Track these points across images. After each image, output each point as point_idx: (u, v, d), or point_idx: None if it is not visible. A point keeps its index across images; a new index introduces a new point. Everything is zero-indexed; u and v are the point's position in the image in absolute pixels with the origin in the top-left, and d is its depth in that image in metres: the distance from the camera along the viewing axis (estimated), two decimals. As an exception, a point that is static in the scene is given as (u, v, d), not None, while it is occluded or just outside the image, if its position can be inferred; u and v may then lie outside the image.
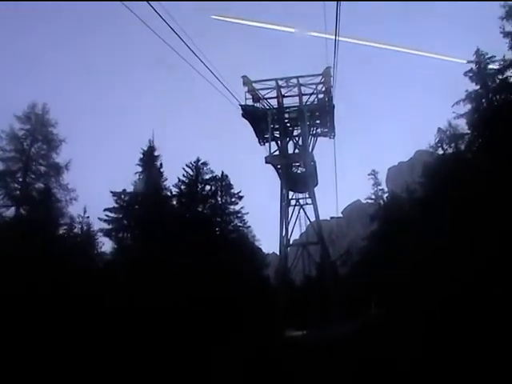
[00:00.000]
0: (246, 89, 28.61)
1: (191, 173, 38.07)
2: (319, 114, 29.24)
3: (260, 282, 35.93)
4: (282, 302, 28.12)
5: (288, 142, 29.98)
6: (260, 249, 49.23)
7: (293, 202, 31.87)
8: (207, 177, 38.56)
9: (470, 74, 24.87)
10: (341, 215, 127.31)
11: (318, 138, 31.85)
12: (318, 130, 31.76)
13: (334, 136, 32.08)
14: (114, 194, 32.36)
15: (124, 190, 32.63)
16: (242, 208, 44.71)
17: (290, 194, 31.83)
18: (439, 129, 42.55)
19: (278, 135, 29.95)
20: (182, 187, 37.49)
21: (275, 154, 27.97)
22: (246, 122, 29.54)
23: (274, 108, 28.94)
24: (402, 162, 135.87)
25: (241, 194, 45.15)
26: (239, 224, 44.03)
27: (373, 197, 49.98)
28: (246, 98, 28.17)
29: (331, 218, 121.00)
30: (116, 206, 32.40)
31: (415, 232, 36.85)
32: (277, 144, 29.14)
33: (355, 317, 28.89)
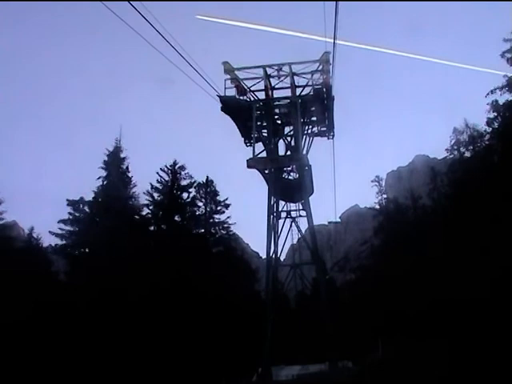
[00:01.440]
0: (227, 78, 23.49)
1: (166, 178, 33.33)
2: (316, 109, 24.25)
3: (247, 306, 30.93)
4: (269, 332, 23.20)
5: (277, 141, 24.98)
6: (249, 262, 44.22)
7: (284, 213, 26.77)
8: (185, 182, 33.83)
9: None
10: (338, 220, 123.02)
11: (315, 139, 26.91)
12: (315, 129, 26.80)
13: (334, 136, 27.15)
14: (71, 202, 27.54)
15: (81, 198, 27.94)
16: (228, 218, 39.98)
17: (281, 204, 26.77)
18: (455, 129, 37.95)
19: (266, 134, 24.91)
20: (155, 195, 32.77)
21: (260, 156, 22.79)
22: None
23: (259, 100, 23.91)
24: (401, 167, 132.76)
25: (227, 202, 40.47)
26: (226, 236, 39.21)
27: (377, 206, 45.31)
28: (225, 88, 23.04)
29: (329, 222, 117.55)
30: (72, 217, 27.63)
31: (429, 249, 32.73)
32: (264, 144, 24.11)
33: (359, 354, 24.21)
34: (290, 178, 26.39)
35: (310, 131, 26.37)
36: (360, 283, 48.55)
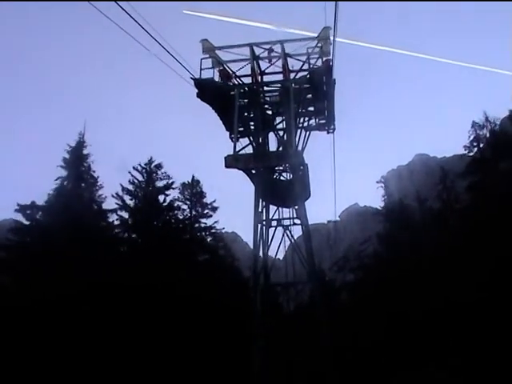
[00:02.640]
0: (205, 57, 19.21)
1: (140, 178, 29.16)
2: (313, 96, 20.09)
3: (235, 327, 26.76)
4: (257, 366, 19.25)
5: (267, 136, 20.83)
6: (240, 271, 40.02)
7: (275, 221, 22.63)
8: (160, 184, 29.63)
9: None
10: (338, 219, 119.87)
11: (312, 133, 22.81)
12: (312, 122, 22.66)
13: (334, 130, 23.00)
14: (22, 207, 23.38)
15: (33, 202, 23.77)
16: (216, 222, 35.87)
17: (272, 209, 22.62)
18: (474, 123, 33.76)
19: (253, 127, 20.77)
20: (127, 198, 28.60)
21: (242, 153, 18.39)
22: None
23: (244, 84, 19.69)
24: (401, 166, 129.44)
25: (215, 205, 36.35)
26: (213, 242, 35.07)
27: (384, 211, 41.25)
28: (201, 69, 18.73)
29: (328, 221, 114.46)
30: (21, 225, 23.43)
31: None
32: (250, 139, 19.95)
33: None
34: (281, 178, 22.31)
35: (306, 124, 22.25)
36: (361, 285, 45.48)
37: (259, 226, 20.19)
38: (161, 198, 29.94)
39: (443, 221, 38.57)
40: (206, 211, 35.97)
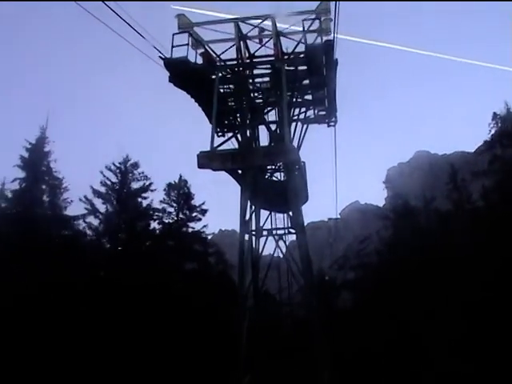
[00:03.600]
0: (177, 32, 15.79)
1: (114, 179, 25.86)
2: (311, 82, 16.74)
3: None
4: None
5: (255, 129, 17.56)
6: (232, 281, 36.72)
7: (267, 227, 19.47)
8: (137, 185, 26.30)
9: None
10: (339, 216, 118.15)
11: (311, 126, 19.62)
12: (310, 114, 19.45)
13: (336, 122, 19.78)
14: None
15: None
16: (205, 227, 32.62)
17: (264, 214, 19.44)
18: (495, 115, 30.22)
19: (240, 118, 17.45)
20: (97, 202, 25.31)
21: (221, 149, 14.85)
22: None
23: (226, 65, 16.32)
24: (402, 163, 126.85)
25: (204, 207, 33.09)
26: (201, 249, 31.81)
27: (391, 215, 37.94)
28: (173, 46, 15.24)
29: (329, 219, 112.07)
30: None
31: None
32: (234, 133, 16.67)
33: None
34: (274, 179, 19.07)
35: (303, 116, 18.97)
36: (362, 285, 44.33)
37: (246, 236, 16.93)
38: (139, 201, 26.61)
39: (454, 223, 35.46)
40: (194, 214, 32.74)
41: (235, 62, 16.22)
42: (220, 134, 18.53)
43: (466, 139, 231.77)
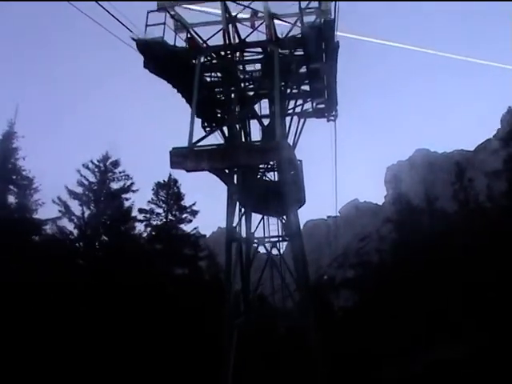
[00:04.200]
0: (153, 10, 13.62)
1: (92, 179, 23.82)
2: (308, 70, 14.68)
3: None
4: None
5: (246, 122, 15.56)
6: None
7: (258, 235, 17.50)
8: (117, 185, 24.24)
9: None
10: (338, 214, 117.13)
11: (309, 120, 17.69)
12: (308, 107, 17.52)
13: (336, 116, 17.84)
14: None
15: None
16: (195, 229, 30.65)
17: (256, 218, 17.49)
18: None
19: (226, 111, 15.43)
20: (72, 204, 23.28)
21: (201, 145, 12.62)
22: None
23: (210, 48, 14.21)
24: (402, 161, 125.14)
25: (195, 208, 31.10)
26: (191, 252, 29.86)
27: (393, 216, 36.05)
28: (147, 25, 13.10)
29: (328, 217, 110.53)
30: None
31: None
32: (220, 128, 14.64)
33: None
34: (266, 179, 17.07)
35: (300, 109, 16.97)
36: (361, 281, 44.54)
37: (234, 244, 14.96)
38: (122, 202, 24.60)
39: (459, 224, 33.63)
40: (184, 215, 30.75)
41: (222, 44, 14.11)
42: (208, 129, 16.50)
43: (466, 137, 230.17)
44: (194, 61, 13.69)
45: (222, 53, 14.17)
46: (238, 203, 15.75)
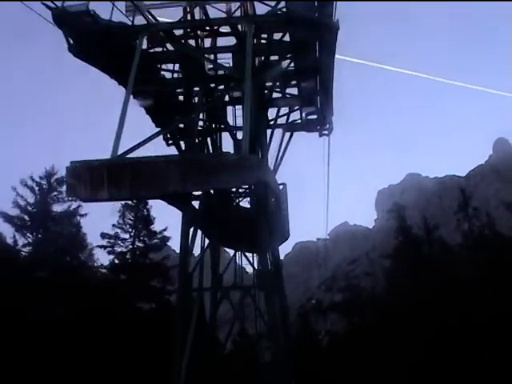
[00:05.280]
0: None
1: (31, 199, 19.94)
2: (296, 60, 10.94)
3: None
4: None
5: (214, 133, 11.99)
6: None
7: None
8: (61, 208, 20.25)
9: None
10: (327, 237, 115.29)
11: (296, 135, 14.26)
12: (295, 117, 14.13)
13: (331, 130, 14.38)
14: None
15: None
16: (165, 258, 26.75)
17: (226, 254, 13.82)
18: None
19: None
20: (5, 227, 19.22)
21: (118, 157, 8.30)
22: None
23: (158, 23, 10.46)
24: (393, 185, 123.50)
25: (167, 234, 27.21)
26: (160, 285, 25.86)
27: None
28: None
29: (318, 239, 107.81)
30: None
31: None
32: (175, 143, 11.00)
33: None
34: (240, 205, 13.41)
35: (285, 120, 13.42)
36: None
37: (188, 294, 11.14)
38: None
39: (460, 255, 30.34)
40: (154, 241, 26.82)
41: (177, 21, 10.41)
42: (171, 141, 12.75)
43: (458, 163, 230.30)
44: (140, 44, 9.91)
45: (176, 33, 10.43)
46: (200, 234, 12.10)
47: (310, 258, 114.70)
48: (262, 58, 10.94)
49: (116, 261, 25.71)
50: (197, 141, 11.40)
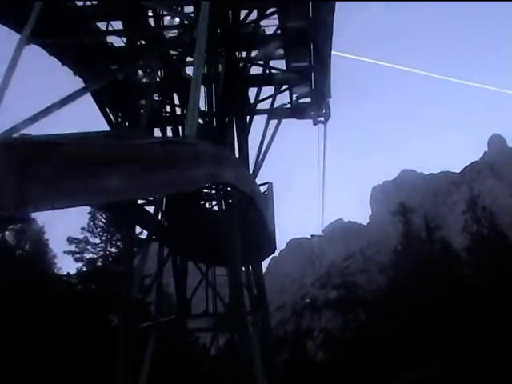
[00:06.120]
0: None
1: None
2: (284, 20, 8.09)
3: None
4: None
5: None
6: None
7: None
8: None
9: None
10: (321, 234, 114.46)
11: (285, 122, 11.44)
12: (284, 99, 11.31)
13: (328, 116, 11.60)
14: None
15: None
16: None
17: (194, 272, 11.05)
18: None
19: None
20: None
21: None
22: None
23: None
24: (387, 181, 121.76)
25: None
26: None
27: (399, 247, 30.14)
28: None
29: (312, 236, 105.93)
30: None
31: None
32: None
33: None
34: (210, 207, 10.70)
35: (271, 102, 10.63)
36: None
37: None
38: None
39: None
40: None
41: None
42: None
43: (452, 160, 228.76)
44: None
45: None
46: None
47: (304, 255, 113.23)
48: (234, 13, 7.95)
49: (84, 268, 22.81)
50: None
